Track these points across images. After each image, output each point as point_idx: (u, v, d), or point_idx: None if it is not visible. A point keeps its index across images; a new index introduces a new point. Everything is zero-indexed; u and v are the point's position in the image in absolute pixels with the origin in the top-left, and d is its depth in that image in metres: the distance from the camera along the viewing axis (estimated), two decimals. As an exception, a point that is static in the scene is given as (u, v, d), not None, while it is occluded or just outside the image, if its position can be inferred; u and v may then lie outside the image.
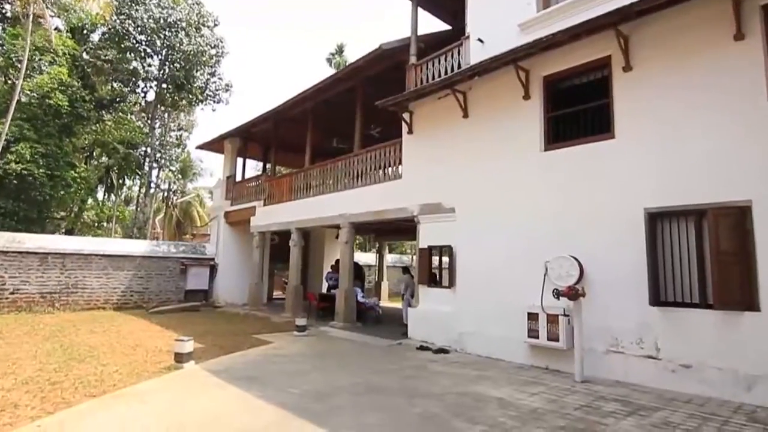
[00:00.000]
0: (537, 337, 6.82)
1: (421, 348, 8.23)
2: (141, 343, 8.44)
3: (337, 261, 15.96)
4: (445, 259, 8.74)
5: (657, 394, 5.40)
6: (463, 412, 4.67)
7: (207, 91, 21.11)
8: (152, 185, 22.47)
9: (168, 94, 21.02)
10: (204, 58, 20.03)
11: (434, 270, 9.11)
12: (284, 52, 77.76)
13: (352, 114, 12.96)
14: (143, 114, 22.05)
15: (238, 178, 17.54)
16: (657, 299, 5.90)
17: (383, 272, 18.95)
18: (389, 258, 20.46)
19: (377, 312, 11.65)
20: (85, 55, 19.95)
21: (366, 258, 22.78)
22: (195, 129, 26.79)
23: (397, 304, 16.77)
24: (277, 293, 20.57)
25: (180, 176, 28.73)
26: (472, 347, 7.89)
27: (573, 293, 6.06)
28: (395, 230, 16.03)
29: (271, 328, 10.69)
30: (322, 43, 72.08)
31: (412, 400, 5.07)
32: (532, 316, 6.91)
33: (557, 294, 6.19)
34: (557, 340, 6.57)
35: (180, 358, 6.49)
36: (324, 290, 14.97)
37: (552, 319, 6.66)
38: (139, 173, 21.44)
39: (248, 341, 8.81)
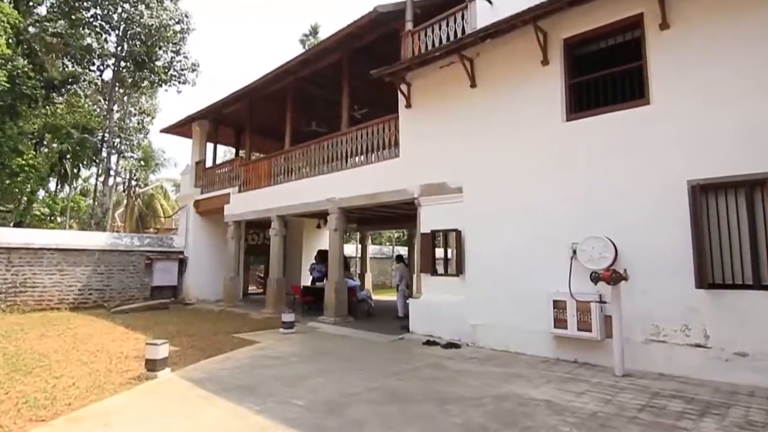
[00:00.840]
0: (565, 327, 6.11)
1: (428, 343, 7.41)
2: (103, 347, 7.23)
3: (320, 252, 15.01)
4: (452, 244, 7.91)
5: (713, 387, 4.78)
6: (513, 421, 3.86)
7: (171, 71, 19.38)
8: (111, 173, 20.55)
9: (127, 73, 19.16)
10: (168, 34, 18.29)
11: (438, 257, 8.30)
12: (256, 38, 74.83)
13: (335, 93, 11.97)
14: (100, 96, 20.07)
15: (209, 164, 16.15)
16: (704, 281, 5.27)
17: (366, 263, 18.04)
18: (370, 249, 19.55)
19: (369, 305, 10.75)
20: (31, 29, 17.89)
21: (347, 249, 21.83)
22: (159, 114, 24.91)
23: (384, 297, 15.96)
24: (251, 288, 19.37)
25: (142, 164, 26.69)
26: (485, 340, 7.13)
27: (614, 277, 5.36)
28: (380, 219, 15.16)
29: (253, 325, 9.61)
30: (296, 29, 69.67)
31: (446, 407, 4.23)
32: (559, 305, 6.19)
33: (595, 278, 5.48)
34: (589, 330, 5.88)
35: (152, 365, 5.38)
36: (308, 283, 13.96)
37: (583, 307, 5.96)
38: (96, 160, 19.53)
39: (230, 342, 7.74)
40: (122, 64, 18.68)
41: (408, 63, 8.10)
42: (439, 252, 8.46)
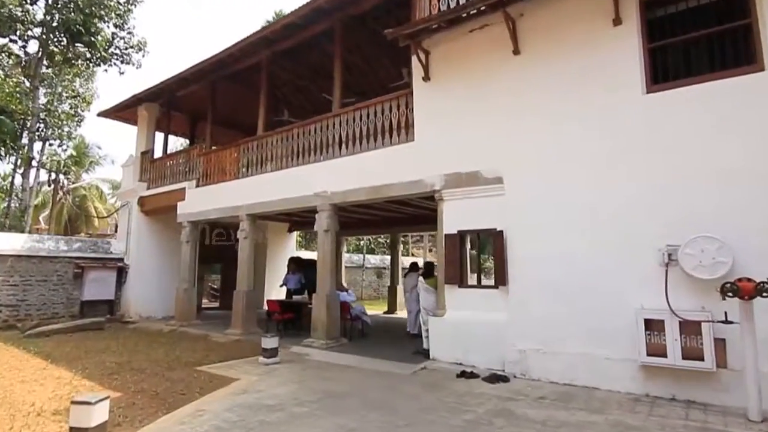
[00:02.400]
0: (662, 355, 4.69)
1: (464, 375, 5.74)
2: (6, 395, 4.94)
3: (294, 259, 12.99)
4: (488, 247, 6.34)
5: None
6: None
7: (113, 48, 16.56)
8: (33, 165, 17.21)
9: (59, 47, 16.14)
10: (111, 2, 15.56)
11: (466, 264, 6.71)
12: (213, 26, 70.53)
13: (317, 74, 10.28)
14: (22, 72, 16.79)
15: (158, 154, 13.67)
16: None
17: (341, 273, 16.10)
18: (344, 257, 17.64)
19: (365, 323, 8.92)
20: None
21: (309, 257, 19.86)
22: (97, 102, 21.70)
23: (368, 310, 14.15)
24: (203, 302, 16.86)
25: (73, 159, 23.09)
26: (541, 371, 5.57)
27: (759, 288, 3.98)
28: (370, 222, 13.47)
29: (221, 352, 7.50)
30: (259, 18, 65.28)
31: None
32: (653, 325, 4.77)
33: (731, 290, 4.07)
34: (700, 357, 4.49)
35: (83, 437, 3.32)
36: (276, 297, 11.94)
37: (690, 329, 4.57)
38: (15, 147, 16.21)
39: (197, 380, 5.67)
40: (52, 35, 15.66)
41: (435, 20, 6.48)
42: (475, 257, 6.88)
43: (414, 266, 10.48)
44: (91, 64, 17.39)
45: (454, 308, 6.50)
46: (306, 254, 16.99)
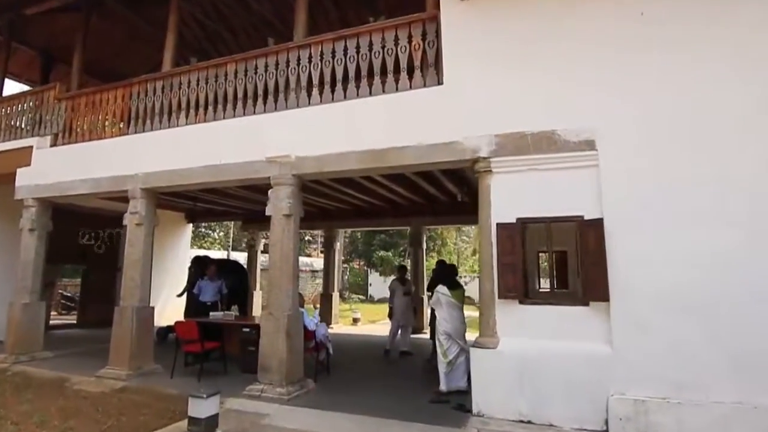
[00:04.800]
0: None
1: (557, 446, 3.57)
2: None
3: (200, 258, 9.58)
4: (573, 244, 4.28)
5: None
6: None
7: None
8: None
9: None
10: None
11: (534, 268, 4.55)
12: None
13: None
14: None
15: (-15, 97, 9.03)
16: None
17: (255, 277, 12.80)
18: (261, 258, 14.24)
19: (328, 351, 6.15)
20: None
21: (226, 257, 16.11)
22: None
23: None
24: (53, 316, 12.22)
25: None
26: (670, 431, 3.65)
27: None
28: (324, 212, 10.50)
29: (99, 423, 4.22)
30: None
31: None
32: None
33: None
34: None
35: None
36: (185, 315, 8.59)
37: None
38: None
39: None
40: None
41: None
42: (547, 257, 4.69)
43: (402, 270, 8.08)
44: None
45: (514, 334, 4.27)
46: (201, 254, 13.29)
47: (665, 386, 3.74)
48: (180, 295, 9.61)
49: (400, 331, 7.85)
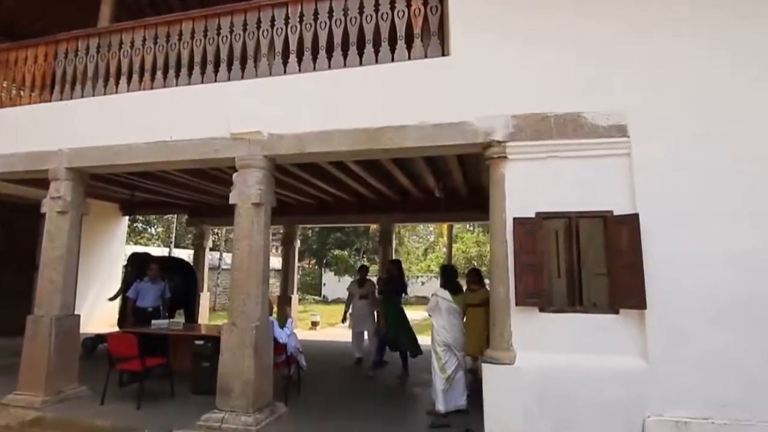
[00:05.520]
0: None
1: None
2: None
3: (136, 256, 8.26)
4: (600, 242, 3.72)
5: None
6: None
7: None
8: None
9: None
10: None
11: (556, 270, 3.95)
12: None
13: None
14: None
15: None
16: None
17: (203, 277, 11.47)
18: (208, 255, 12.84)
19: (300, 365, 5.25)
20: None
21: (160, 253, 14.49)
22: None
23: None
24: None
25: None
26: (719, 460, 3.20)
27: None
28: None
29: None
30: None
31: None
32: None
33: None
34: None
35: None
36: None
37: None
38: None
39: None
40: None
41: None
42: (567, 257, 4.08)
43: (363, 270, 7.27)
44: None
45: (533, 348, 3.67)
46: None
47: (708, 405, 3.29)
48: (113, 299, 8.28)
49: (366, 335, 7.12)
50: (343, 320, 7.05)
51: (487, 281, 4.91)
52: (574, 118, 3.81)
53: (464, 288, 4.98)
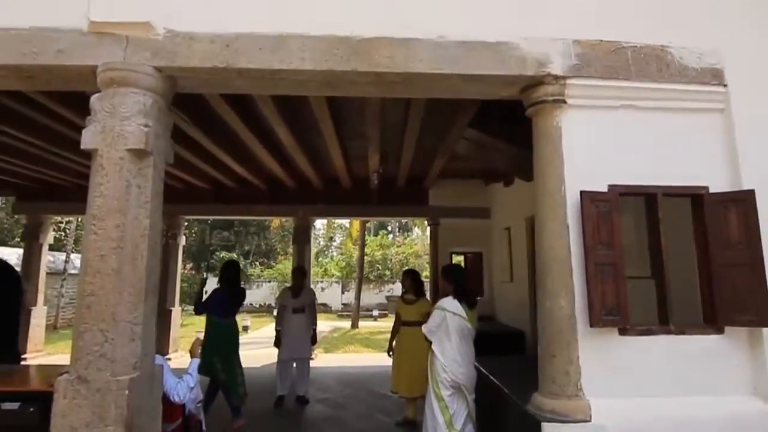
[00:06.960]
0: None
1: None
2: None
3: None
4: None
5: None
6: None
7: None
8: None
9: None
10: None
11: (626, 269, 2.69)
12: None
13: None
14: None
15: None
16: None
17: (37, 287, 8.15)
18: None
19: (202, 426, 3.24)
20: None
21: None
22: None
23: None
24: None
25: None
26: None
27: None
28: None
29: None
30: None
31: None
32: None
33: None
34: None
35: None
36: None
37: None
38: None
39: None
40: None
41: None
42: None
43: (299, 273, 5.34)
44: None
45: (614, 392, 2.35)
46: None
47: None
48: None
49: (295, 366, 5.30)
50: (277, 343, 5.10)
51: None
52: (658, 54, 2.65)
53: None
